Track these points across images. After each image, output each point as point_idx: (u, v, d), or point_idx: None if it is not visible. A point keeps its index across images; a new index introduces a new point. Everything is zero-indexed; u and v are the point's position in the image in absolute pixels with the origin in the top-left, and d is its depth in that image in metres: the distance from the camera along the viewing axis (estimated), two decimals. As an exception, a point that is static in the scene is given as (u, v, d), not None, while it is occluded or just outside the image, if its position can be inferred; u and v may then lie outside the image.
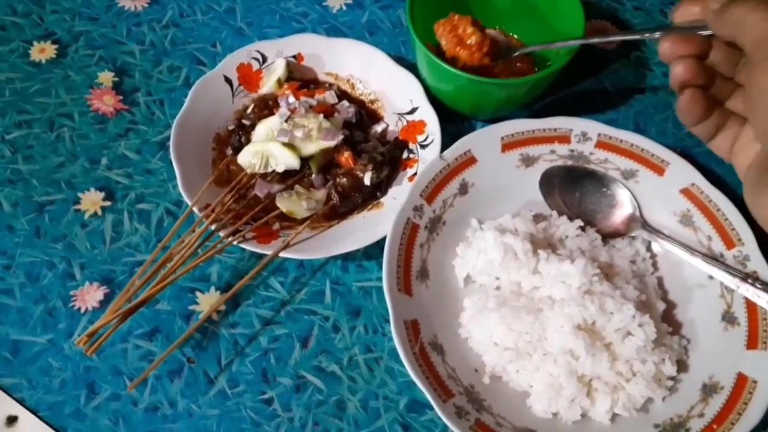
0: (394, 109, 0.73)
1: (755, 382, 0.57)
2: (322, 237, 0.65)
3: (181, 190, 0.64)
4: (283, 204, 0.64)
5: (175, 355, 0.62)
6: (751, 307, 0.61)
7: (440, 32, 0.70)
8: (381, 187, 0.68)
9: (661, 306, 0.63)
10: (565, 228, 0.67)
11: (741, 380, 0.58)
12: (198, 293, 0.65)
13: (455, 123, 0.76)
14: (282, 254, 0.62)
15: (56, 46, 0.79)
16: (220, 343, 0.63)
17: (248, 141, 0.68)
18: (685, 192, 0.67)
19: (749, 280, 0.61)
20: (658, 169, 0.68)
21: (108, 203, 0.69)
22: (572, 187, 0.69)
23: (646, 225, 0.66)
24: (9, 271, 0.65)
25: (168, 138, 0.72)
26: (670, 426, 0.57)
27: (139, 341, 0.62)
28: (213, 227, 0.63)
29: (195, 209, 0.63)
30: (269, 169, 0.66)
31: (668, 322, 0.63)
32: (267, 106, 0.70)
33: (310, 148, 0.66)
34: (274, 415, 0.60)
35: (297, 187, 0.66)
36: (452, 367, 0.59)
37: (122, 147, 0.73)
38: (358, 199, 0.67)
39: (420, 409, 0.60)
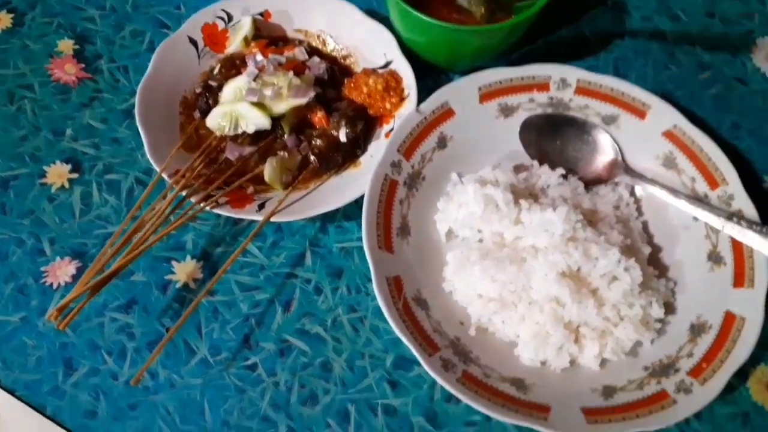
0: (368, 63, 0.71)
1: (743, 319, 0.57)
2: (300, 199, 0.63)
3: (149, 157, 0.62)
4: (268, 174, 0.62)
5: (153, 326, 0.60)
6: (736, 246, 0.61)
7: (354, 94, 0.68)
8: (359, 143, 0.66)
9: (646, 250, 0.62)
10: (547, 177, 0.65)
11: (729, 318, 0.57)
12: (174, 262, 0.63)
13: (432, 77, 0.73)
14: (256, 218, 0.60)
15: (12, 15, 0.76)
16: (199, 311, 0.61)
17: (216, 103, 0.65)
18: (668, 134, 0.66)
19: (734, 219, 0.60)
20: (639, 112, 0.67)
21: (75, 175, 0.67)
22: (553, 136, 0.67)
23: (628, 170, 0.65)
24: (-25, 250, 0.63)
25: (134, 105, 0.70)
26: (659, 367, 0.56)
27: (115, 314, 0.61)
28: (184, 193, 0.60)
29: (164, 176, 0.61)
30: (239, 131, 0.63)
31: (654, 265, 0.62)
32: (234, 66, 0.67)
33: (281, 106, 0.63)
34: (258, 381, 0.58)
35: (277, 156, 0.64)
36: (437, 321, 0.58)
37: (87, 117, 0.70)
38: (337, 158, 0.65)
39: (407, 366, 0.59)
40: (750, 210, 0.62)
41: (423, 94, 0.67)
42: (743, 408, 0.59)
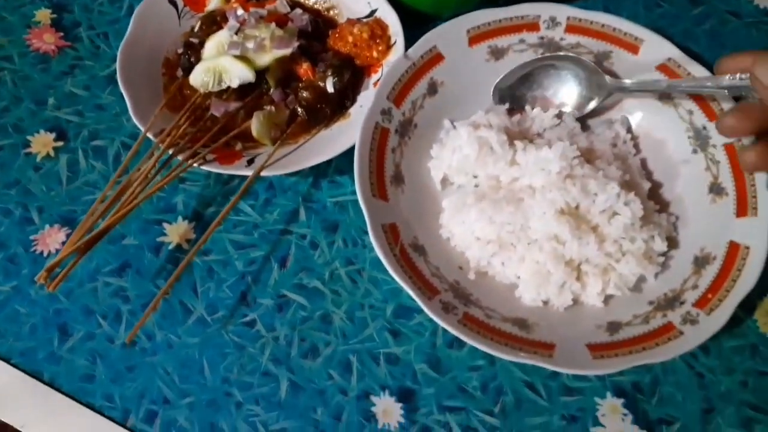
0: (352, 14, 0.69)
1: (747, 248, 0.56)
2: (291, 153, 0.62)
3: (133, 117, 0.60)
4: (255, 128, 0.61)
5: (148, 288, 0.59)
6: (738, 175, 0.59)
7: (339, 45, 0.66)
8: (347, 94, 0.65)
9: (646, 185, 0.61)
10: (541, 119, 0.64)
11: (733, 248, 0.56)
12: (165, 224, 0.62)
13: (420, 25, 0.71)
14: (246, 173, 0.58)
15: (-14, -12, 0.74)
16: (194, 271, 0.60)
17: (198, 60, 0.64)
18: (662, 68, 0.64)
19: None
20: (632, 47, 0.65)
21: (60, 143, 0.66)
22: (527, 88, 0.65)
23: (615, 88, 0.62)
24: (-37, 222, 0.62)
25: (116, 71, 0.68)
26: (664, 301, 0.55)
27: (108, 278, 0.60)
28: (170, 152, 0.59)
29: (149, 135, 0.59)
30: (224, 86, 0.62)
31: (655, 200, 0.61)
32: (215, 23, 0.65)
33: (265, 58, 0.62)
34: (257, 336, 0.57)
35: (264, 110, 0.62)
36: (435, 266, 0.57)
37: (69, 85, 0.69)
38: (326, 110, 0.64)
39: (408, 314, 0.58)
40: (748, 139, 0.60)
41: (411, 43, 0.65)
42: (751, 340, 0.58)
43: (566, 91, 0.64)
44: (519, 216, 0.56)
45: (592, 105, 0.63)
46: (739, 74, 0.55)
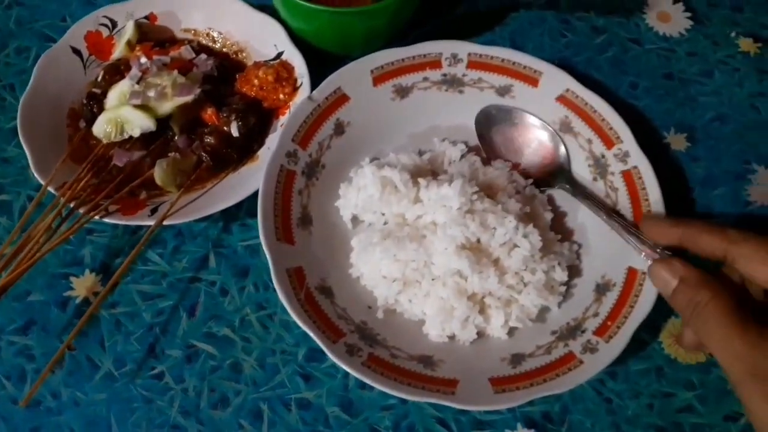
0: (260, 56, 0.70)
1: (644, 274, 0.57)
2: (197, 199, 0.62)
3: (33, 172, 0.60)
4: (159, 176, 0.61)
5: (54, 345, 0.58)
6: (635, 201, 0.61)
7: (246, 88, 0.67)
8: (255, 137, 0.65)
9: (548, 216, 0.62)
10: (449, 155, 0.65)
11: (631, 274, 0.58)
12: (72, 278, 0.61)
13: (328, 65, 0.72)
14: (149, 223, 0.58)
15: None
16: (101, 325, 0.59)
17: (101, 110, 0.64)
18: (561, 99, 0.66)
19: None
20: (532, 80, 0.67)
21: (-37, 200, 0.64)
22: (506, 129, 0.66)
23: (571, 180, 0.64)
24: None
25: (20, 123, 0.68)
26: (566, 330, 0.57)
27: (12, 337, 0.58)
28: (72, 205, 0.58)
29: (50, 189, 0.59)
30: (126, 136, 0.62)
31: (558, 230, 0.62)
32: (118, 72, 0.65)
33: (166, 106, 0.62)
34: (166, 389, 0.57)
35: (168, 158, 0.62)
36: (342, 307, 0.57)
37: (-28, 139, 0.68)
38: (232, 154, 0.64)
39: (320, 357, 0.58)
40: (644, 164, 0.62)
41: (319, 84, 0.66)
42: (657, 362, 0.59)
43: (532, 158, 0.65)
44: (422, 253, 0.57)
45: (540, 184, 0.64)
46: (663, 251, 0.55)
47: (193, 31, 0.71)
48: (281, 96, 0.66)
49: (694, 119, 0.73)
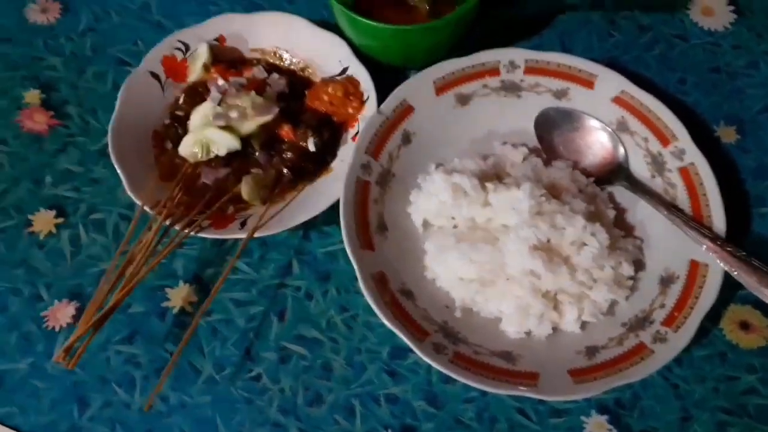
0: (325, 73, 0.73)
1: (707, 265, 0.61)
2: (280, 212, 0.66)
3: (129, 192, 0.64)
4: (246, 192, 0.65)
5: (157, 352, 0.63)
6: (693, 198, 0.64)
7: (316, 104, 0.70)
8: (328, 150, 0.69)
9: (611, 213, 0.66)
10: (512, 158, 0.69)
11: (693, 266, 0.61)
12: (168, 290, 0.66)
13: (389, 76, 0.76)
14: (240, 235, 0.63)
15: (-26, 75, 0.78)
16: (199, 333, 0.64)
17: (186, 132, 0.68)
18: (617, 100, 0.69)
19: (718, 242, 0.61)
20: (587, 83, 0.70)
21: (61, 220, 0.69)
22: (564, 129, 0.70)
23: (629, 177, 0.67)
24: (-25, 306, 0.65)
25: (107, 145, 0.72)
26: (635, 322, 0.60)
27: (119, 347, 0.63)
28: (168, 222, 0.63)
29: (146, 208, 0.63)
30: (212, 155, 0.66)
31: (620, 227, 0.66)
32: (197, 94, 0.70)
33: (248, 126, 0.66)
34: (264, 390, 0.61)
35: (252, 174, 0.66)
36: (424, 308, 0.61)
37: (64, 162, 0.72)
38: (310, 167, 0.68)
39: (403, 355, 0.62)
40: (701, 161, 0.65)
41: (383, 94, 0.70)
42: (719, 348, 0.63)
43: (589, 156, 0.69)
44: (497, 254, 0.61)
45: (600, 182, 0.68)
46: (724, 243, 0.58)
47: (260, 51, 0.75)
48: (350, 110, 0.70)
49: (743, 111, 0.75)
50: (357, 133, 0.70)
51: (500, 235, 0.62)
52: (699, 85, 0.77)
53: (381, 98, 0.69)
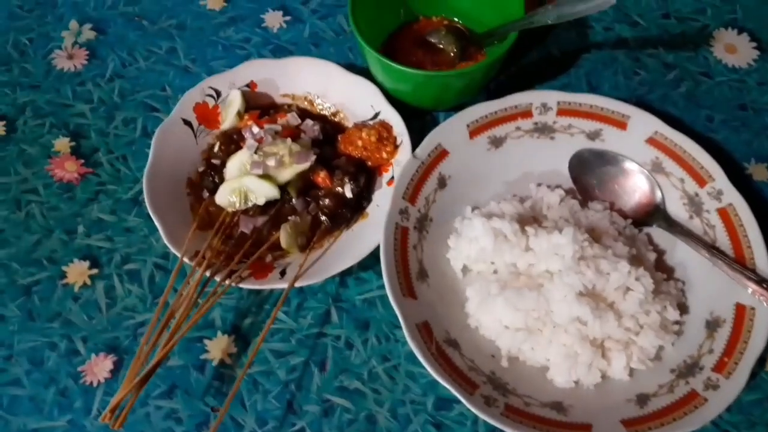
0: (357, 117, 0.73)
1: (753, 309, 0.60)
2: (319, 259, 0.65)
3: (166, 242, 0.64)
4: (285, 240, 0.65)
5: (198, 407, 0.62)
6: (734, 239, 0.64)
7: (350, 149, 0.70)
8: (364, 196, 0.69)
9: (652, 256, 0.65)
10: (548, 199, 0.68)
11: (740, 310, 0.61)
12: (206, 341, 0.65)
13: (418, 118, 0.76)
14: (281, 285, 0.62)
15: (3, 123, 0.77)
16: (240, 386, 0.63)
17: (221, 180, 0.68)
18: (651, 141, 0.70)
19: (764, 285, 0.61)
20: (620, 124, 0.71)
21: (95, 271, 0.68)
22: (598, 170, 0.69)
23: (667, 218, 0.67)
24: (11, 362, 0.64)
25: (139, 192, 0.72)
26: (684, 368, 0.60)
27: (159, 402, 0.62)
28: (207, 273, 0.62)
29: (185, 259, 0.63)
30: (249, 204, 0.66)
31: (660, 269, 0.65)
32: (232, 141, 0.69)
33: (286, 174, 0.66)
34: (309, 444, 0.60)
35: (289, 221, 0.66)
36: (470, 358, 0.60)
37: (95, 211, 0.72)
38: (346, 214, 0.68)
39: (448, 406, 0.62)
40: (739, 201, 0.65)
41: (412, 137, 0.70)
42: (767, 392, 0.62)
43: (624, 197, 0.68)
44: (542, 302, 0.60)
45: (636, 223, 0.67)
46: None
47: (291, 96, 0.75)
48: (384, 154, 0.70)
49: (773, 148, 0.76)
50: (392, 177, 0.70)
51: (544, 281, 0.61)
52: (727, 122, 0.78)
53: (412, 141, 0.69)
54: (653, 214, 0.68)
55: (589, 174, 0.70)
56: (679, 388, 0.58)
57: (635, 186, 0.69)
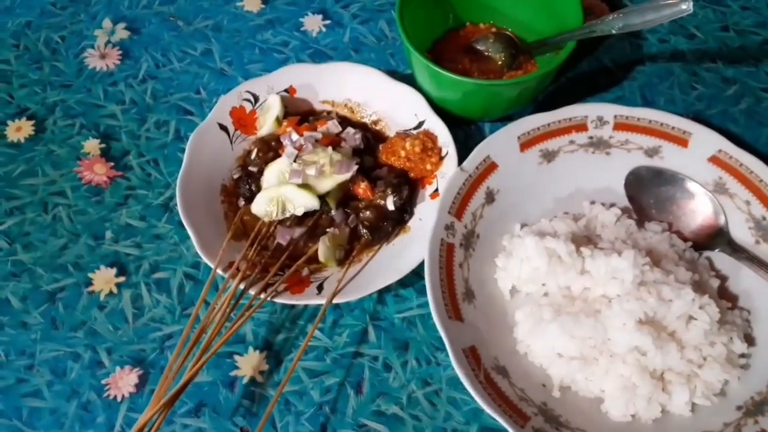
0: (398, 126, 0.70)
1: (828, 343, 0.56)
2: (357, 275, 0.62)
3: (199, 252, 0.61)
4: (323, 253, 0.61)
5: (227, 427, 0.58)
6: (805, 265, 0.60)
7: (392, 159, 0.67)
8: (406, 208, 0.65)
9: (715, 283, 0.61)
10: (603, 218, 0.64)
11: (813, 344, 0.56)
12: (237, 357, 0.62)
13: (462, 129, 0.73)
14: (318, 301, 0.58)
15: (32, 122, 0.75)
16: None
17: (258, 188, 0.64)
18: (714, 160, 0.65)
19: None
20: (681, 141, 0.66)
21: (122, 279, 0.65)
22: (657, 190, 0.65)
23: (731, 242, 0.62)
24: (32, 371, 0.61)
25: (170, 198, 0.69)
26: (753, 405, 0.55)
27: (186, 420, 0.59)
28: (242, 286, 0.59)
29: (219, 271, 0.59)
30: (287, 214, 0.62)
31: (723, 296, 0.61)
32: (271, 148, 0.66)
33: (326, 184, 0.62)
34: (344, 472, 0.56)
35: (328, 234, 0.63)
36: (520, 387, 0.56)
37: (124, 216, 0.69)
38: (387, 227, 0.64)
39: (493, 436, 0.58)
40: (812, 228, 0.61)
41: (456, 148, 0.66)
42: (838, 432, 0.57)
43: (685, 219, 0.64)
44: (599, 329, 0.56)
45: (697, 247, 0.63)
46: None
47: (331, 103, 0.72)
48: (428, 166, 0.66)
49: (841, 170, 0.71)
50: (435, 190, 0.66)
51: (601, 306, 0.57)
52: (791, 141, 0.73)
53: (458, 153, 0.66)
54: (716, 237, 0.63)
55: (646, 193, 0.66)
56: (747, 427, 0.54)
57: (696, 207, 0.65)
